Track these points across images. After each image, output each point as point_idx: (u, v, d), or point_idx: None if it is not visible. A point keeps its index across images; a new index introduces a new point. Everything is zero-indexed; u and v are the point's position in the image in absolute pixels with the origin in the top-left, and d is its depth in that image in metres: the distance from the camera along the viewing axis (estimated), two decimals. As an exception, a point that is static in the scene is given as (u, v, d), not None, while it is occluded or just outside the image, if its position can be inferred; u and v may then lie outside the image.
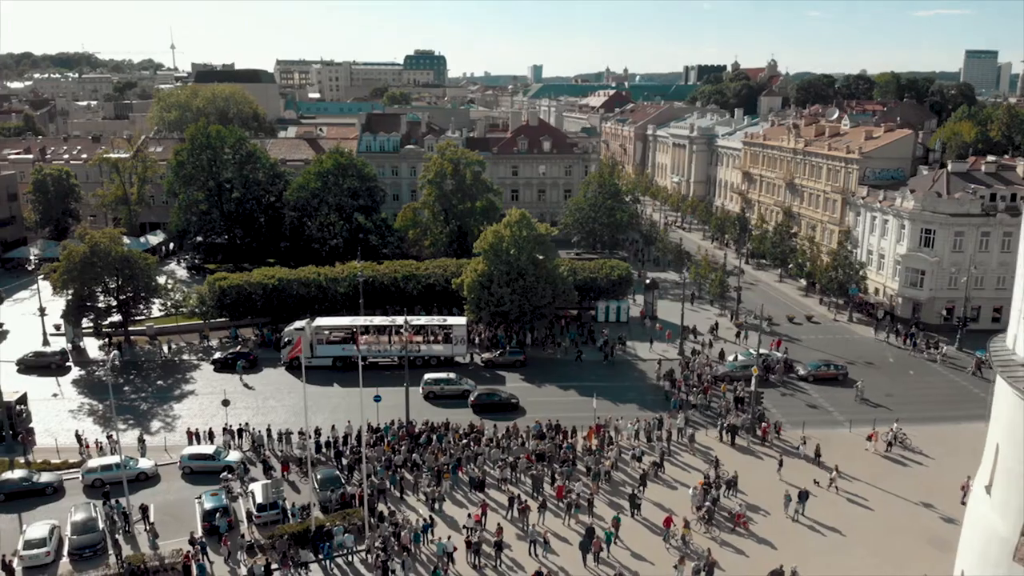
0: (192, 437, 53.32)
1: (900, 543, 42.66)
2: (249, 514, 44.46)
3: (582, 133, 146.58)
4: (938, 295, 77.99)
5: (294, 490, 47.97)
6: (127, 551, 41.06)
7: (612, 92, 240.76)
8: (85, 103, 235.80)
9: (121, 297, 71.21)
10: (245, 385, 64.32)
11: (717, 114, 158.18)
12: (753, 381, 57.78)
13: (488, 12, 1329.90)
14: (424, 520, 43.33)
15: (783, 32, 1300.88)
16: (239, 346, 71.48)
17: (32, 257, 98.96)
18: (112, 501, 44.65)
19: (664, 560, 40.75)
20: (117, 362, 68.16)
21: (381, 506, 45.18)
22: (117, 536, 42.38)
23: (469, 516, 43.35)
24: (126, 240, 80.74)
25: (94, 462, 49.26)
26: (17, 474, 47.84)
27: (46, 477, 48.01)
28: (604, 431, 53.87)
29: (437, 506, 45.88)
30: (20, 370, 66.44)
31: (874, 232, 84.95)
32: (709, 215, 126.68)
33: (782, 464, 50.13)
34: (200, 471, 49.34)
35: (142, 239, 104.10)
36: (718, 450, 53.05)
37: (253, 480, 47.93)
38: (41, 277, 78.40)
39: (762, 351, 63.67)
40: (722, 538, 43.21)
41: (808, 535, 43.86)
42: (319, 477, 47.09)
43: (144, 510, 44.17)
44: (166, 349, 72.33)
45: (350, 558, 41.08)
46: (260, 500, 44.06)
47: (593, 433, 53.59)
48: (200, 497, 45.52)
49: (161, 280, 76.91)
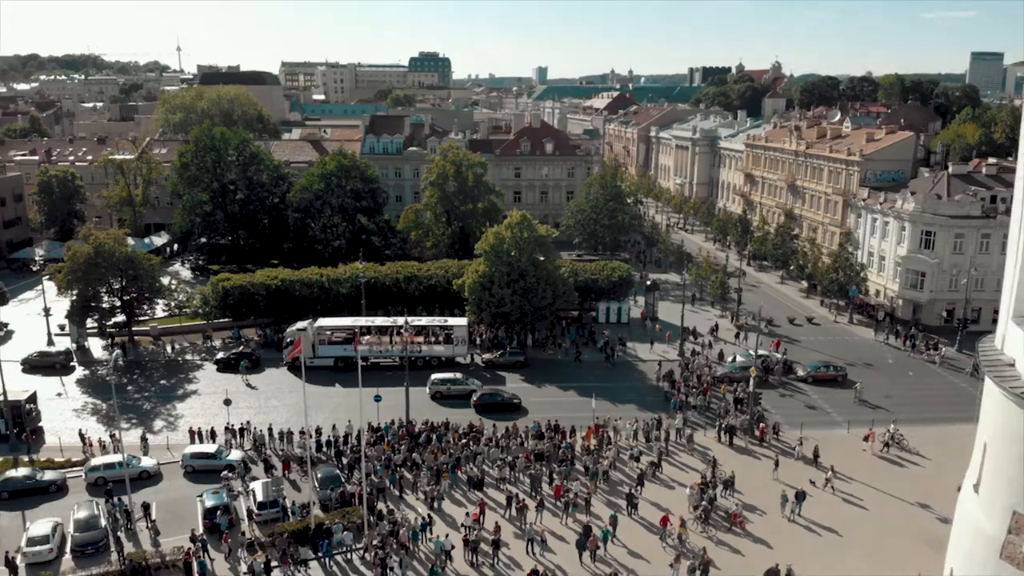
0: (194, 436, 53.83)
1: (896, 543, 42.88)
2: (250, 512, 44.88)
3: (585, 135, 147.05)
4: (938, 297, 78.12)
5: (295, 488, 48.40)
6: (129, 548, 41.54)
7: (616, 94, 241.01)
8: (91, 105, 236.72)
9: (125, 298, 71.61)
10: (248, 385, 64.81)
11: (720, 116, 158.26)
12: (751, 382, 58.07)
13: (493, 14, 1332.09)
14: (423, 518, 43.72)
15: (788, 34, 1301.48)
16: (242, 346, 71.90)
17: (37, 258, 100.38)
18: (115, 499, 45.13)
19: (660, 559, 41.06)
20: (121, 362, 68.64)
21: (380, 505, 45.60)
22: (119, 533, 42.82)
23: (467, 515, 43.72)
24: (130, 241, 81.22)
25: (97, 460, 49.72)
26: (21, 472, 48.36)
27: (50, 475, 48.48)
28: (603, 431, 54.23)
29: (436, 505, 46.29)
30: (25, 370, 66.93)
31: (875, 234, 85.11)
32: (711, 217, 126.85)
33: (778, 464, 50.37)
34: (202, 470, 49.81)
35: (147, 240, 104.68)
36: (716, 450, 53.29)
37: (254, 479, 48.40)
38: (46, 277, 79.12)
39: (762, 352, 63.97)
40: (718, 537, 43.49)
41: (804, 535, 44.11)
42: (319, 476, 47.52)
43: (146, 508, 44.59)
44: (169, 349, 72.87)
45: (349, 556, 41.48)
46: (261, 498, 44.51)
47: (592, 433, 53.95)
48: (201, 495, 45.99)
49: (165, 281, 77.37)
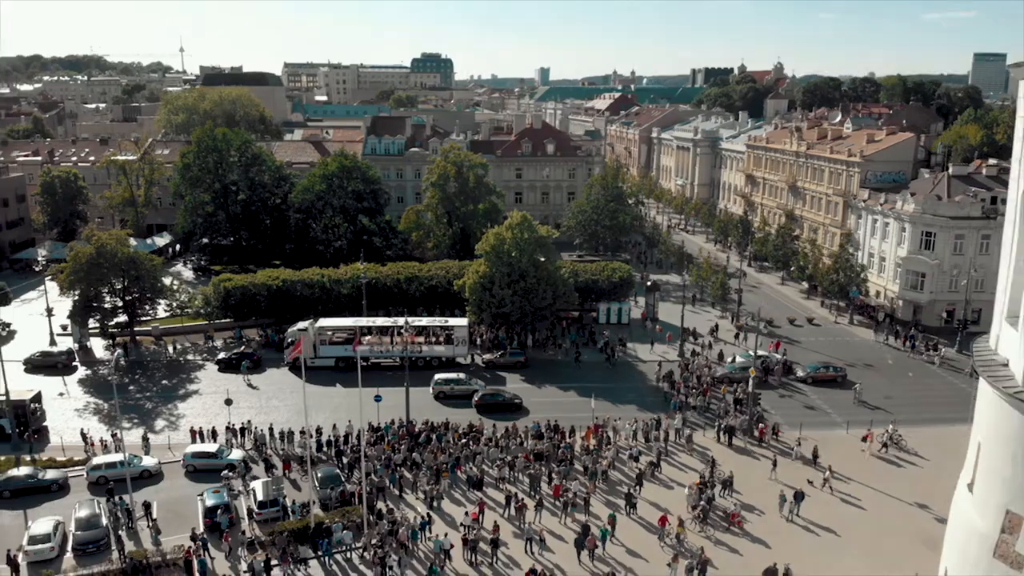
0: (195, 435, 54.08)
1: (894, 543, 42.99)
2: (250, 511, 45.11)
3: (586, 136, 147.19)
4: (938, 298, 78.19)
5: (295, 488, 48.61)
6: (130, 547, 41.74)
7: (618, 95, 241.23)
8: (93, 106, 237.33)
9: (127, 298, 71.86)
10: (249, 385, 65.04)
11: (721, 117, 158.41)
12: (750, 382, 58.22)
13: (496, 15, 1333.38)
14: (422, 518, 43.92)
15: (791, 35, 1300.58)
16: (243, 346, 72.15)
17: (40, 258, 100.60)
18: (116, 498, 45.40)
19: (658, 558, 41.21)
20: (123, 361, 68.98)
21: (380, 504, 45.82)
22: (120, 532, 43.00)
23: (466, 514, 43.93)
24: (133, 241, 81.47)
25: (99, 460, 49.95)
26: (23, 471, 48.60)
27: (51, 474, 48.75)
28: (602, 431, 54.40)
29: (435, 504, 46.48)
30: (27, 370, 67.22)
31: (875, 235, 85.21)
32: (712, 218, 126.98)
33: (776, 465, 50.48)
34: (203, 469, 50.05)
35: (149, 240, 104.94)
36: (715, 451, 53.43)
37: (255, 478, 48.65)
38: (48, 278, 79.32)
39: (761, 353, 64.09)
40: (716, 537, 43.64)
41: (802, 535, 44.23)
42: (319, 475, 47.74)
43: (147, 507, 44.80)
44: (171, 349, 73.13)
45: (348, 555, 41.70)
46: (261, 497, 44.74)
47: (591, 433, 54.13)
48: (202, 494, 46.21)
49: (167, 281, 77.64)
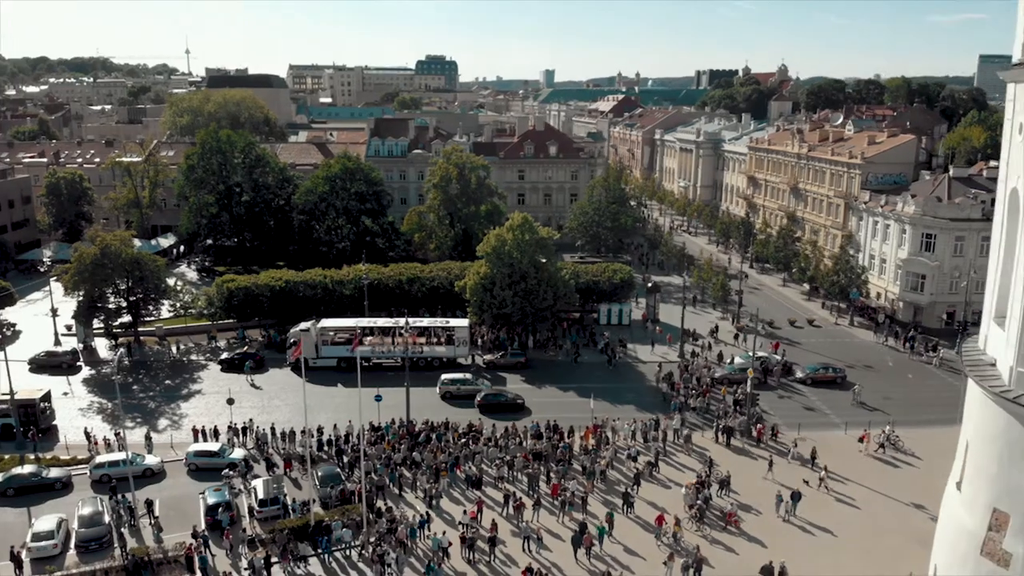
0: (197, 435, 54.55)
1: (889, 543, 43.21)
2: (251, 509, 45.53)
3: (588, 138, 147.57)
4: (939, 299, 78.37)
5: (296, 486, 49.10)
6: (132, 544, 42.17)
7: (622, 97, 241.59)
8: (99, 107, 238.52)
9: (131, 298, 72.46)
10: (252, 385, 65.52)
11: (724, 119, 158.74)
12: (748, 383, 58.49)
13: (501, 17, 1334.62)
14: (421, 516, 44.32)
15: (796, 37, 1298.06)
16: (246, 347, 72.68)
17: (45, 259, 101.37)
18: (118, 496, 45.86)
19: (655, 557, 41.51)
20: (126, 361, 69.58)
21: (380, 502, 46.24)
22: (123, 529, 43.41)
23: (465, 512, 44.33)
24: (137, 242, 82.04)
25: (102, 458, 50.42)
26: (27, 469, 49.09)
27: (55, 472, 49.27)
28: (601, 431, 54.73)
29: (434, 503, 46.86)
30: (32, 369, 67.80)
31: (876, 236, 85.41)
32: (715, 219, 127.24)
33: (772, 465, 50.74)
34: (205, 467, 50.53)
35: (153, 242, 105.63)
36: (713, 451, 53.70)
37: (256, 476, 49.12)
38: (53, 278, 79.98)
39: (761, 354, 64.36)
40: (713, 536, 43.95)
41: (799, 535, 44.49)
42: (320, 474, 48.19)
43: (149, 505, 45.23)
44: (175, 349, 73.68)
45: (348, 552, 42.13)
46: (262, 496, 45.19)
47: (590, 433, 54.46)
48: (203, 492, 46.69)
49: (171, 282, 78.16)
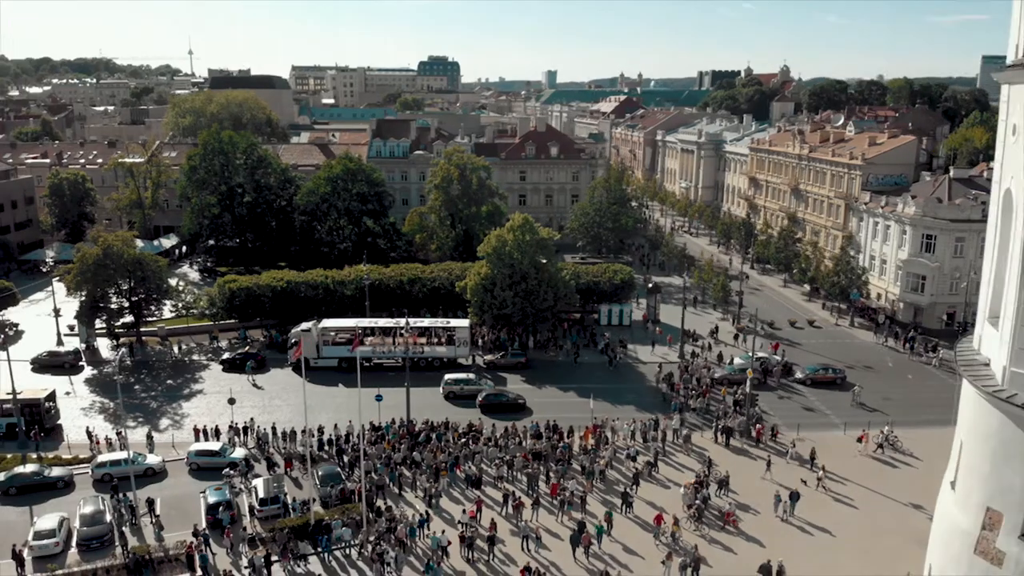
0: (199, 434, 54.79)
1: (887, 543, 43.29)
2: (251, 508, 45.76)
3: (590, 139, 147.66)
4: (939, 300, 78.45)
5: (296, 485, 49.34)
6: (133, 542, 42.42)
7: (623, 98, 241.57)
8: (102, 108, 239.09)
9: (133, 299, 72.72)
10: (254, 384, 65.75)
11: (726, 120, 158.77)
12: (747, 384, 58.62)
13: (503, 18, 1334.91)
14: (420, 515, 44.52)
15: (798, 38, 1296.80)
16: (248, 347, 72.92)
17: (48, 259, 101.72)
18: (120, 495, 46.11)
19: (653, 556, 41.66)
20: (128, 361, 69.84)
21: (379, 502, 46.44)
22: (124, 528, 43.62)
23: (464, 512, 44.53)
24: (139, 243, 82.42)
25: (103, 457, 50.69)
26: (29, 468, 49.37)
27: (57, 471, 49.56)
28: (600, 431, 54.90)
29: (434, 502, 47.04)
30: (34, 369, 68.09)
31: (876, 237, 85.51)
32: (716, 220, 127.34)
33: (770, 465, 50.88)
34: (206, 467, 50.81)
35: (155, 242, 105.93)
36: (713, 451, 53.83)
37: (257, 476, 49.35)
38: (56, 279, 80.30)
39: (761, 354, 64.47)
40: (711, 536, 44.10)
41: (797, 534, 44.62)
42: (320, 473, 48.41)
43: (150, 503, 45.49)
44: (176, 349, 73.95)
45: (348, 551, 42.34)
46: (262, 495, 45.41)
47: (590, 433, 54.63)
48: (204, 491, 46.92)
49: (173, 282, 78.46)
